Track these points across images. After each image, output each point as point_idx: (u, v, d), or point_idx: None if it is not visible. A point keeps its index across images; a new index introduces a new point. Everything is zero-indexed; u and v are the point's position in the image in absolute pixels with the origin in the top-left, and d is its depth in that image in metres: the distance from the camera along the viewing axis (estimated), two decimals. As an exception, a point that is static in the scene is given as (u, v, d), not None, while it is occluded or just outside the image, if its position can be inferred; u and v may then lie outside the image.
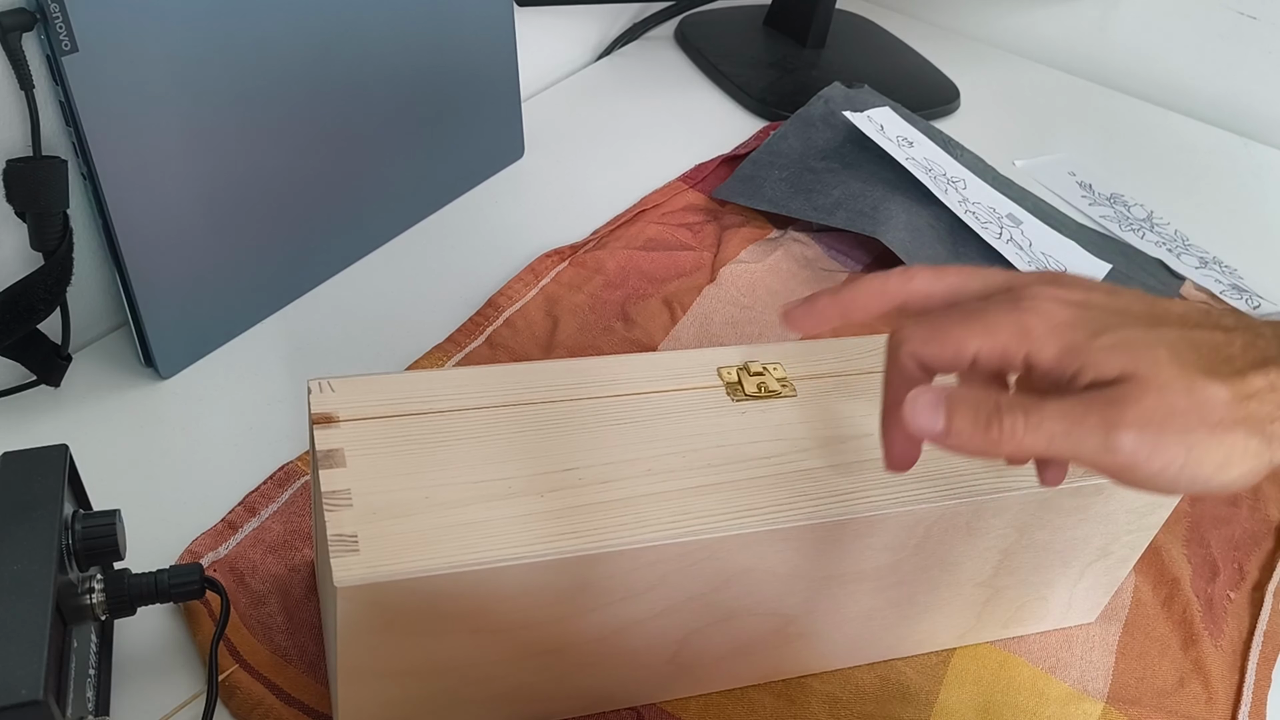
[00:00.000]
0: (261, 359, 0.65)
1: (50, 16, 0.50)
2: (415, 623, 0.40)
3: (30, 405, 0.59)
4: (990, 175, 0.85)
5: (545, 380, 0.47)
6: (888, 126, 0.84)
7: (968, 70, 1.05)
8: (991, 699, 0.52)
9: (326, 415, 0.44)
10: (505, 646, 0.43)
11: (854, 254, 0.79)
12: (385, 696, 0.44)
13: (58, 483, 0.43)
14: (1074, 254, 0.79)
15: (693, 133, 0.91)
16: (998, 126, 0.99)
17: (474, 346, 0.67)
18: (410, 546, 0.39)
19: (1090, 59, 1.11)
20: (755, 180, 0.82)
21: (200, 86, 0.58)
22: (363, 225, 0.72)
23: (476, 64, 0.76)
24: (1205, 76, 1.06)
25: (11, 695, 0.36)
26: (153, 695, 0.48)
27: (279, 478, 0.57)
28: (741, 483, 0.44)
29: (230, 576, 0.52)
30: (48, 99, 0.54)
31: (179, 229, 0.60)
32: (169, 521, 0.54)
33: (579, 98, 0.94)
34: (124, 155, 0.55)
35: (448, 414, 0.45)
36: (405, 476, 0.42)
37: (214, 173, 0.60)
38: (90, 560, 0.44)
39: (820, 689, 0.52)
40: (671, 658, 0.47)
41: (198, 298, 0.62)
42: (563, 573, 0.41)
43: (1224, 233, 0.89)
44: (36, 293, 0.55)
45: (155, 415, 0.61)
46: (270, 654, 0.49)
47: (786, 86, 0.97)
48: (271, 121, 0.63)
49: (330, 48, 0.64)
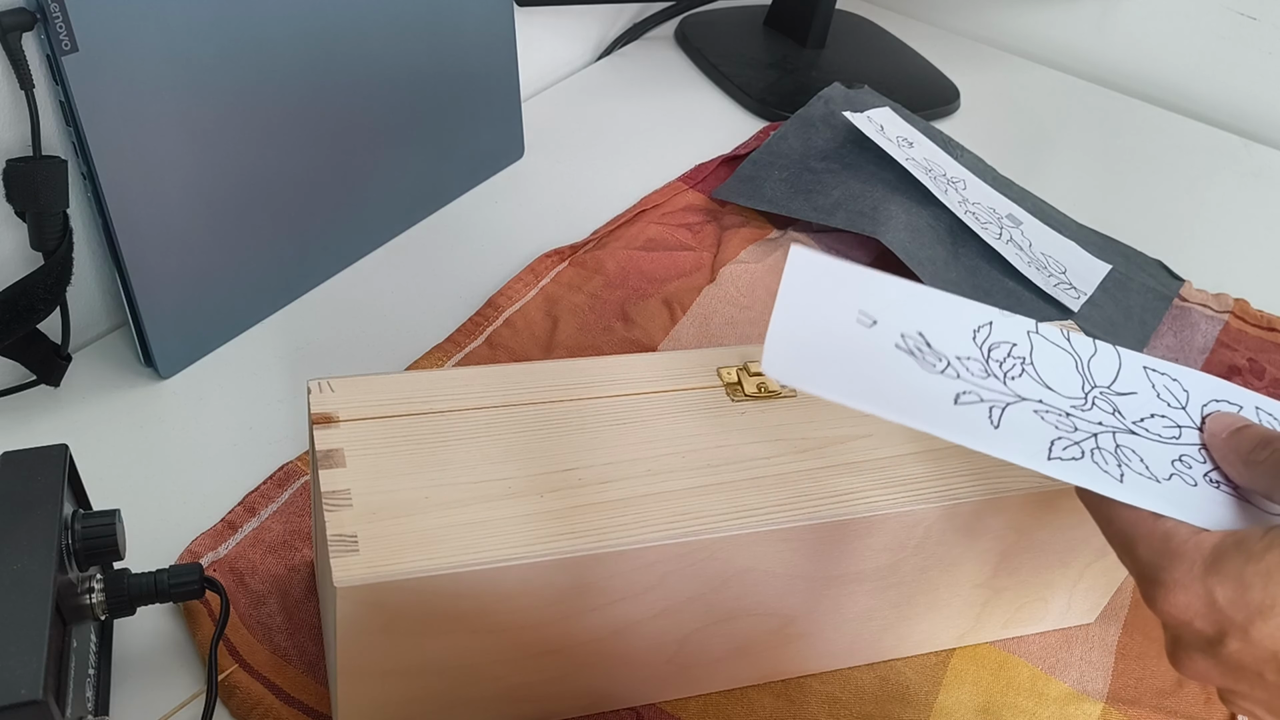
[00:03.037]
0: (261, 359, 0.65)
1: (50, 16, 0.50)
2: (415, 623, 0.40)
3: (30, 405, 0.59)
4: (990, 176, 0.85)
5: (545, 380, 0.47)
6: (888, 127, 0.84)
7: (968, 71, 1.05)
8: (991, 699, 0.52)
9: (326, 415, 0.44)
10: (505, 647, 0.43)
11: (854, 254, 0.79)
12: (385, 697, 0.44)
13: (57, 482, 0.43)
14: (1074, 255, 0.79)
15: (693, 133, 0.91)
16: (998, 127, 0.99)
17: (474, 346, 0.67)
18: (410, 547, 0.39)
19: (1090, 60, 1.11)
20: (755, 181, 0.82)
21: (200, 86, 0.58)
22: (363, 225, 0.72)
23: (476, 64, 0.76)
24: (1205, 77, 1.06)
25: (11, 695, 0.36)
26: (152, 695, 0.48)
27: (279, 478, 0.57)
28: (741, 483, 0.44)
29: (230, 576, 0.52)
30: (47, 99, 0.54)
31: (179, 229, 0.60)
32: (169, 521, 0.54)
33: (579, 98, 0.94)
34: (124, 155, 0.55)
35: (448, 414, 0.45)
36: (405, 477, 0.42)
37: (214, 172, 0.60)
38: (90, 560, 0.44)
39: (820, 689, 0.52)
40: (671, 658, 0.47)
41: (198, 297, 0.62)
42: (562, 573, 0.41)
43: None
44: (36, 292, 0.55)
45: (155, 415, 0.61)
46: (270, 654, 0.49)
47: (786, 87, 0.97)
48: (271, 121, 0.63)
49: (330, 47, 0.64)
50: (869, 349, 0.39)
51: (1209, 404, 0.41)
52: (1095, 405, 0.41)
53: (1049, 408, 0.40)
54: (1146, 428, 0.41)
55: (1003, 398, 0.40)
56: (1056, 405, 0.40)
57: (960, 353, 0.40)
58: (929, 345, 0.40)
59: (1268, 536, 0.32)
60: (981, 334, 0.41)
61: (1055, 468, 0.39)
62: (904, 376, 0.39)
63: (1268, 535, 0.32)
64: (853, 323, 0.40)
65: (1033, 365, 0.41)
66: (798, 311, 0.39)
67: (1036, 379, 0.41)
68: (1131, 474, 0.39)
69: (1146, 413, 0.41)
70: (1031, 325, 0.42)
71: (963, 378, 0.40)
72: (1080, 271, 0.77)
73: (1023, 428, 0.40)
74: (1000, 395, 0.40)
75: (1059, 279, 0.75)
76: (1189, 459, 0.40)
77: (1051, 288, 0.74)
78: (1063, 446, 0.39)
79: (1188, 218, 0.90)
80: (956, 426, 0.39)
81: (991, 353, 0.41)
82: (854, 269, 0.40)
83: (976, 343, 0.41)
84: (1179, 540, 0.34)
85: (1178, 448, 0.40)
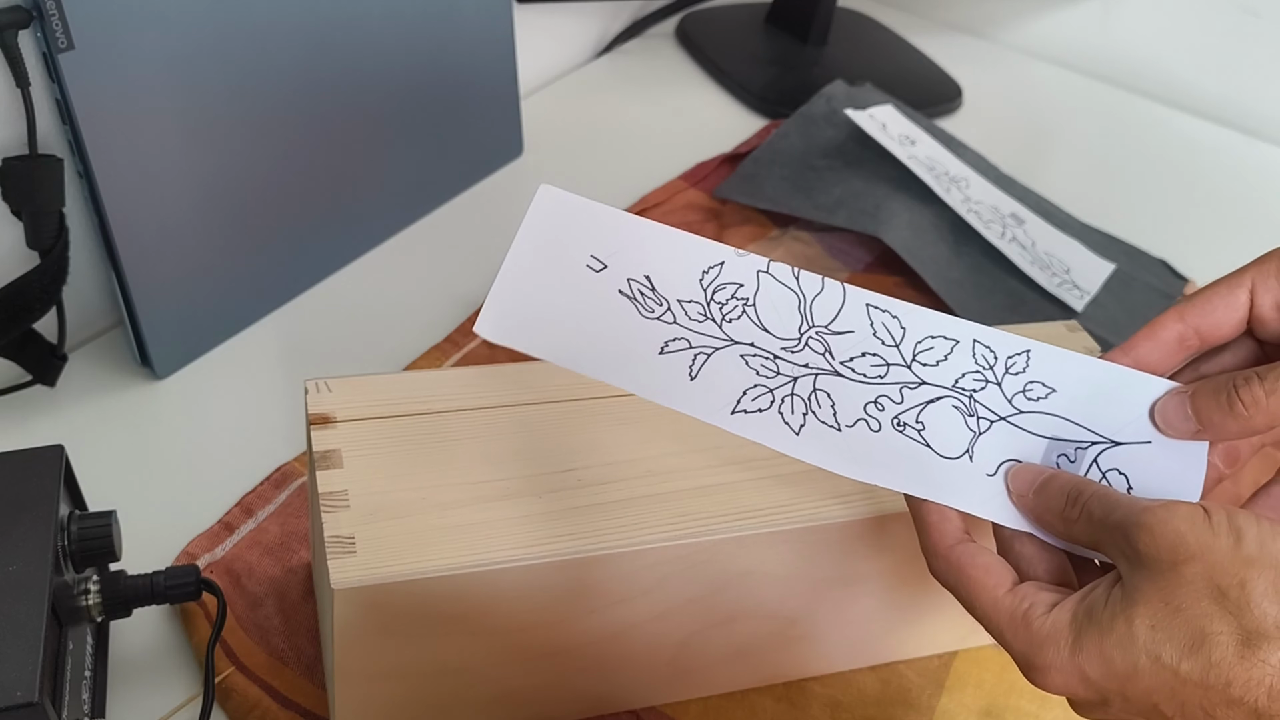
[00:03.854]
0: (258, 359, 0.65)
1: (47, 14, 0.50)
2: (412, 625, 0.40)
3: (26, 405, 0.59)
4: (993, 174, 0.85)
5: (544, 380, 0.47)
6: (890, 125, 0.84)
7: (970, 68, 1.05)
8: (994, 702, 0.52)
9: (324, 416, 0.44)
10: (503, 649, 0.43)
11: (855, 253, 0.79)
12: (382, 699, 0.43)
13: (53, 483, 0.43)
14: (1077, 254, 0.78)
15: (694, 131, 0.91)
16: (1000, 125, 0.98)
17: (472, 347, 0.67)
18: (408, 548, 0.39)
19: (1093, 57, 1.11)
20: (756, 179, 0.82)
21: (197, 85, 0.58)
22: (360, 224, 0.72)
23: (475, 61, 0.76)
24: (1208, 74, 1.06)
25: (7, 697, 0.36)
26: (148, 697, 0.48)
27: (276, 479, 0.57)
28: (742, 484, 0.44)
29: (227, 578, 0.52)
30: (44, 97, 0.54)
31: (175, 228, 0.59)
32: (165, 522, 0.54)
33: (579, 95, 0.94)
34: (120, 154, 0.55)
35: (446, 414, 0.45)
36: (403, 477, 0.42)
37: (210, 171, 0.60)
38: (86, 561, 0.44)
39: (821, 692, 0.51)
40: (671, 660, 0.47)
41: (194, 297, 0.62)
42: (561, 575, 0.41)
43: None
44: (32, 292, 0.55)
45: (151, 415, 0.60)
46: (267, 656, 0.49)
47: (788, 84, 0.97)
48: (269, 119, 0.62)
49: (328, 45, 0.64)
50: (593, 297, 0.37)
51: (923, 340, 0.39)
52: (808, 345, 0.39)
53: (759, 350, 0.39)
54: (854, 367, 0.39)
55: (712, 343, 0.38)
56: (767, 348, 0.39)
57: (683, 295, 0.38)
58: (653, 288, 0.38)
59: (1110, 606, 0.33)
60: (710, 275, 0.39)
61: (737, 422, 0.37)
62: (618, 325, 0.38)
63: (1109, 604, 0.33)
64: (583, 268, 0.38)
65: (754, 307, 0.39)
66: (531, 260, 0.37)
67: (755, 321, 0.39)
68: (814, 423, 0.38)
69: (858, 351, 0.39)
70: (763, 264, 0.39)
71: (678, 322, 0.38)
72: (1084, 271, 0.77)
73: (720, 378, 0.38)
74: (710, 341, 0.38)
75: (1062, 278, 0.75)
76: (884, 400, 0.38)
77: (1055, 287, 0.74)
78: (753, 397, 0.38)
79: (1191, 216, 0.90)
80: (652, 382, 0.37)
81: (715, 294, 0.39)
82: (601, 209, 0.38)
83: (703, 285, 0.39)
84: (1038, 625, 0.34)
85: (878, 388, 0.39)
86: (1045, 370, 0.39)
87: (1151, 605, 0.32)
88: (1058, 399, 0.39)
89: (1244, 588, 0.31)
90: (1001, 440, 0.38)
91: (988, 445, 0.38)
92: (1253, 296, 0.38)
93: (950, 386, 0.39)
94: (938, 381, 0.39)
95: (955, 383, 0.39)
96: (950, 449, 0.38)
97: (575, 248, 0.38)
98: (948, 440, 0.38)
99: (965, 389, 0.39)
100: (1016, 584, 0.36)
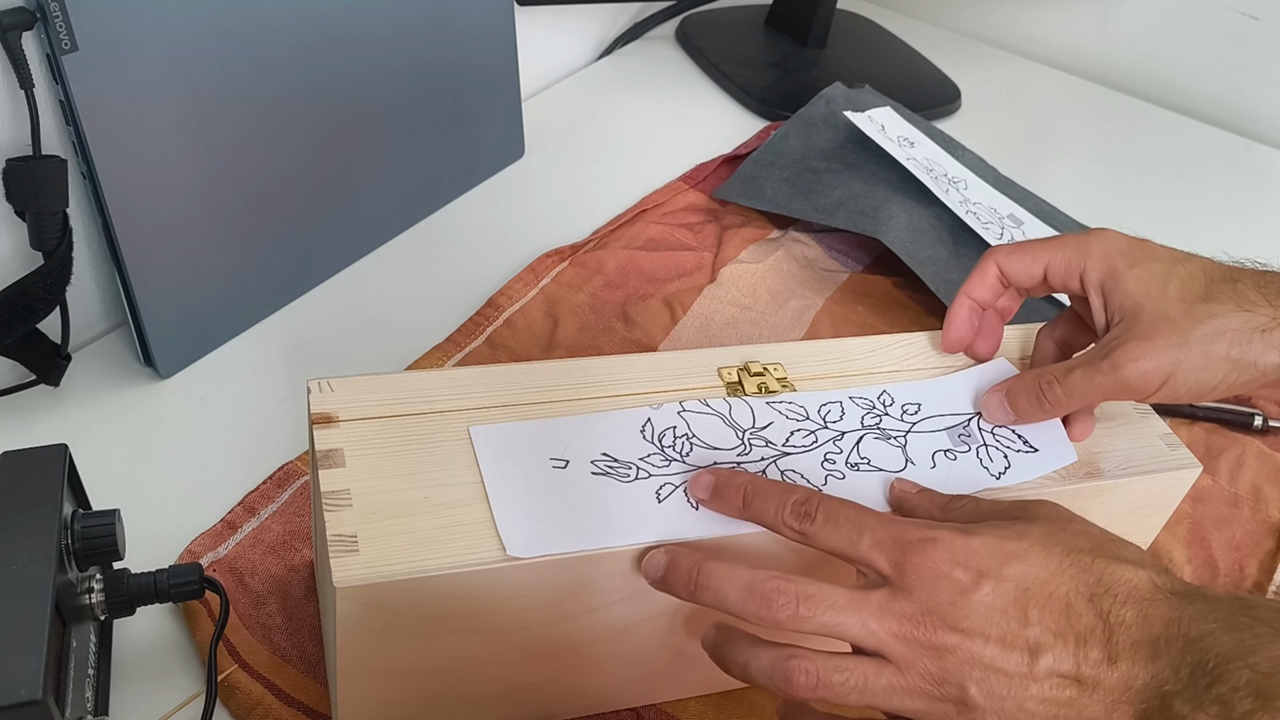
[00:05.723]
0: (261, 359, 0.65)
1: (50, 15, 0.50)
2: (414, 623, 0.40)
3: (30, 405, 0.59)
4: (991, 175, 0.85)
5: (545, 380, 0.47)
6: (889, 126, 0.84)
7: (969, 70, 1.05)
8: (992, 700, 0.52)
9: (326, 415, 0.44)
10: (505, 647, 0.43)
11: (855, 254, 0.79)
12: (384, 697, 0.44)
13: (57, 482, 0.43)
14: (1075, 254, 0.78)
15: (693, 133, 0.91)
16: (999, 127, 0.99)
17: (474, 346, 0.67)
18: (410, 547, 0.39)
19: (1091, 59, 1.11)
20: (756, 180, 0.82)
21: (200, 85, 0.58)
22: (363, 224, 0.72)
23: (477, 63, 0.76)
24: (1207, 77, 1.06)
25: (11, 695, 0.36)
26: (152, 695, 0.48)
27: (278, 478, 0.57)
28: (742, 483, 0.44)
29: (230, 576, 0.52)
30: (47, 98, 0.54)
31: (179, 228, 0.60)
32: (168, 521, 0.54)
33: (579, 97, 0.94)
34: (123, 154, 0.55)
35: (448, 414, 0.45)
36: (405, 477, 0.42)
37: (214, 172, 0.60)
38: (89, 560, 0.44)
39: (820, 690, 0.51)
40: (672, 658, 0.47)
41: (197, 297, 0.62)
42: (562, 573, 0.41)
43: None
44: (36, 292, 0.55)
45: (155, 415, 0.61)
46: (269, 654, 0.49)
47: (787, 86, 0.97)
48: (272, 120, 0.62)
49: (330, 47, 0.64)
50: (576, 488, 0.42)
51: (819, 408, 0.47)
52: (752, 446, 0.45)
53: (723, 465, 0.44)
54: (794, 444, 0.46)
55: (687, 477, 0.43)
56: (727, 460, 0.45)
57: (640, 453, 0.44)
58: (615, 460, 0.43)
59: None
60: (647, 430, 0.45)
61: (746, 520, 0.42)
62: (611, 498, 0.42)
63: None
64: (550, 471, 0.43)
65: (695, 438, 0.45)
66: (508, 486, 0.42)
67: (704, 445, 0.45)
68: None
69: (787, 432, 0.46)
70: (677, 405, 0.46)
71: (653, 475, 0.43)
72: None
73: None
74: (685, 476, 0.43)
75: (1060, 279, 0.75)
76: (831, 455, 0.46)
77: (1053, 288, 0.74)
78: None
79: (1189, 218, 0.90)
80: (669, 527, 0.41)
81: (662, 441, 0.45)
82: (528, 426, 0.44)
83: (648, 439, 0.45)
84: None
85: (821, 449, 0.46)
86: (904, 396, 0.49)
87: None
88: (927, 407, 0.49)
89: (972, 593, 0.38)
90: (919, 444, 0.47)
91: (914, 451, 0.47)
92: (1047, 269, 0.49)
93: (861, 427, 0.47)
94: (850, 428, 0.47)
95: (862, 422, 0.47)
96: (894, 465, 0.46)
97: (531, 462, 0.43)
98: (888, 459, 0.46)
99: (870, 425, 0.47)
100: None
